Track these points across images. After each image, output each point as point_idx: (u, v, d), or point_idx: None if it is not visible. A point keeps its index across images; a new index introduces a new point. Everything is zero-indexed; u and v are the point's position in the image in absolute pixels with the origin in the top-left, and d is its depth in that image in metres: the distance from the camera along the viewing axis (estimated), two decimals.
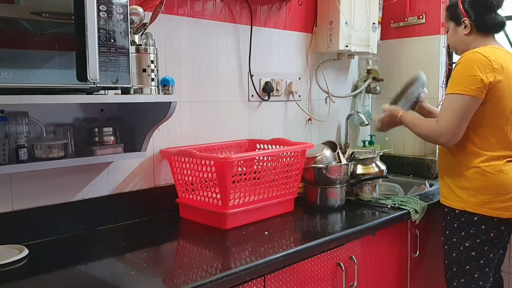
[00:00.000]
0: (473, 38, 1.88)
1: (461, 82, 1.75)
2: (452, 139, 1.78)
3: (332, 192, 2.08)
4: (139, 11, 1.60)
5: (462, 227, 1.84)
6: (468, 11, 1.87)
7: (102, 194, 1.82)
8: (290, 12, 2.49)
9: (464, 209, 1.83)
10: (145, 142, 1.74)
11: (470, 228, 1.82)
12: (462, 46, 1.92)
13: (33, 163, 1.50)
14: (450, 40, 1.99)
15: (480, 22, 1.86)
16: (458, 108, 1.75)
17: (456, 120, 1.75)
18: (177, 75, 1.99)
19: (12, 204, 1.61)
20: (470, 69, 1.74)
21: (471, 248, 1.82)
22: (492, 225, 1.79)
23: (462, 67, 1.77)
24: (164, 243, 1.68)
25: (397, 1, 2.82)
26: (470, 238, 1.82)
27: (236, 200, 1.78)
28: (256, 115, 2.37)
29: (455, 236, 1.86)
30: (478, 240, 1.81)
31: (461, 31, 1.90)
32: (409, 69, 2.84)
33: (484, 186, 1.79)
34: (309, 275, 1.64)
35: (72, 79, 1.34)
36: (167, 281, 1.35)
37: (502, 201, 1.77)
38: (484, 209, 1.79)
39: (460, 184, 1.85)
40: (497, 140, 1.79)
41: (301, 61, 2.58)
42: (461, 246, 1.84)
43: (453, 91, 1.77)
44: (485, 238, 1.80)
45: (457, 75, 1.78)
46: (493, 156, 1.79)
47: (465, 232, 1.83)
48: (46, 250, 1.57)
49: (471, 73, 1.73)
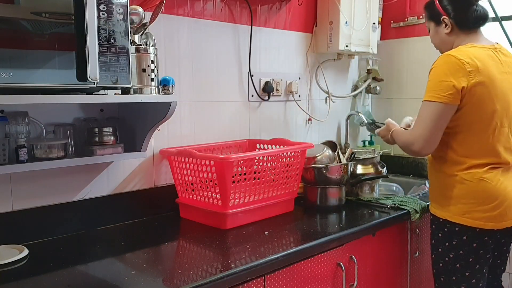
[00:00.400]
0: (455, 37, 1.78)
1: (434, 88, 1.66)
2: (425, 147, 1.69)
3: (332, 192, 2.08)
4: (139, 11, 1.60)
5: (445, 237, 1.75)
6: (447, 8, 1.77)
7: (102, 194, 1.82)
8: (290, 12, 2.49)
9: (445, 218, 1.74)
10: (145, 142, 1.74)
11: (453, 238, 1.72)
12: (445, 46, 1.81)
13: (33, 163, 1.50)
14: (433, 41, 1.89)
15: (460, 18, 1.75)
16: (430, 115, 1.66)
17: (427, 128, 1.66)
18: (177, 75, 1.99)
19: (12, 204, 1.61)
20: (442, 74, 1.65)
21: (456, 260, 1.73)
22: (474, 235, 1.69)
23: (435, 72, 1.68)
24: (164, 243, 1.68)
25: (397, 1, 2.82)
26: (453, 249, 1.73)
27: (236, 200, 1.78)
28: (256, 115, 2.37)
29: (440, 246, 1.77)
30: (461, 251, 1.71)
31: (442, 31, 1.80)
32: (409, 69, 2.85)
33: (463, 194, 1.70)
34: (309, 275, 1.64)
35: (72, 79, 1.34)
36: (167, 281, 1.35)
37: (483, 211, 1.67)
38: (464, 219, 1.69)
39: (442, 192, 1.77)
40: (478, 146, 1.69)
41: (301, 61, 2.58)
42: (446, 257, 1.76)
43: (426, 97, 1.68)
44: (468, 249, 1.70)
45: (430, 81, 1.69)
46: (474, 164, 1.68)
47: (449, 243, 1.74)
48: (46, 250, 1.57)
49: (442, 78, 1.64)
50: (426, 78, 2.66)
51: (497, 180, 1.68)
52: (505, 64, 1.73)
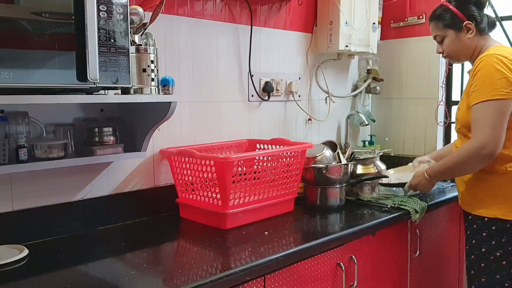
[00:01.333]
0: (476, 41, 1.82)
1: (492, 87, 1.64)
2: (497, 147, 1.65)
3: (332, 192, 2.08)
4: (139, 11, 1.60)
5: (492, 235, 1.74)
6: (467, 14, 1.81)
7: (102, 194, 1.82)
8: (290, 12, 2.49)
9: (495, 216, 1.73)
10: (145, 142, 1.74)
11: (502, 236, 1.72)
12: (466, 52, 1.85)
13: (33, 163, 1.50)
14: (451, 49, 1.87)
15: (481, 22, 1.80)
16: (494, 114, 1.64)
17: (495, 127, 1.64)
18: (177, 75, 1.99)
19: (12, 204, 1.61)
20: (495, 72, 1.65)
21: (502, 257, 1.73)
22: None
23: (486, 73, 1.67)
24: (164, 243, 1.68)
25: (397, 1, 2.82)
26: (501, 246, 1.73)
27: (236, 200, 1.78)
28: (256, 115, 2.37)
29: (484, 245, 1.76)
30: (510, 247, 1.72)
31: (464, 36, 1.82)
32: (409, 69, 2.85)
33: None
34: (309, 275, 1.64)
35: (72, 79, 1.34)
36: (167, 281, 1.35)
37: None
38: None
39: (489, 191, 1.76)
40: None
41: (301, 61, 2.58)
42: (491, 256, 1.75)
43: (484, 98, 1.66)
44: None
45: (483, 81, 1.67)
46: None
47: (496, 241, 1.73)
48: (46, 250, 1.57)
49: (497, 76, 1.64)
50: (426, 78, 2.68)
51: None
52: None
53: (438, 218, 2.13)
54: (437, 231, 2.22)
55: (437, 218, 2.18)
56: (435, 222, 2.21)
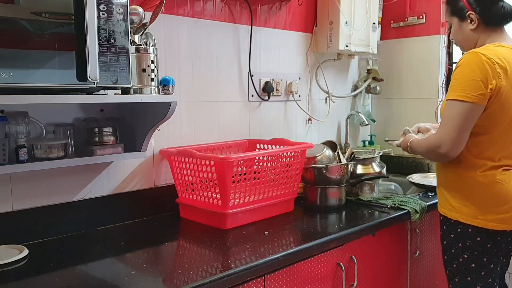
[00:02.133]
0: (480, 34, 1.72)
1: (462, 87, 1.59)
2: (453, 149, 1.63)
3: (332, 192, 2.08)
4: (139, 11, 1.60)
5: (458, 238, 1.74)
6: (472, 3, 1.70)
7: (102, 194, 1.82)
8: (290, 12, 2.49)
9: (457, 219, 1.73)
10: (145, 142, 1.74)
11: (466, 240, 1.72)
12: (468, 43, 1.76)
13: (33, 163, 1.50)
14: (456, 37, 1.81)
15: (487, 14, 1.69)
16: (459, 115, 1.59)
17: (456, 128, 1.60)
18: (177, 75, 1.99)
19: (12, 204, 1.61)
20: (471, 72, 1.58)
21: (470, 260, 1.72)
22: (487, 236, 1.68)
23: (463, 70, 1.61)
24: (164, 243, 1.68)
25: (397, 1, 2.82)
26: (467, 250, 1.72)
27: (236, 200, 1.78)
28: (256, 115, 2.37)
29: (453, 247, 1.76)
30: (475, 252, 1.71)
31: (466, 27, 1.73)
32: (409, 69, 2.85)
33: (478, 196, 1.68)
34: (309, 275, 1.64)
35: (72, 79, 1.34)
36: (167, 281, 1.35)
37: (497, 213, 1.65)
38: (477, 221, 1.67)
39: (453, 193, 1.75)
40: (495, 148, 1.66)
41: (301, 61, 2.58)
42: (460, 258, 1.75)
43: (453, 97, 1.61)
44: (482, 250, 1.70)
45: (457, 79, 1.62)
46: (490, 166, 1.66)
47: (462, 244, 1.73)
48: (46, 250, 1.57)
49: (472, 77, 1.58)
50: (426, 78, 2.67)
51: (509, 180, 1.66)
52: None
53: (438, 218, 2.12)
54: (437, 231, 2.22)
55: (437, 218, 2.17)
56: (435, 222, 2.21)
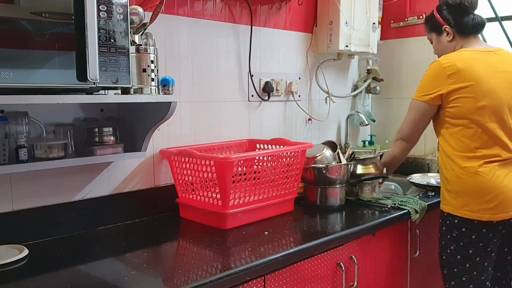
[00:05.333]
0: (455, 43, 1.94)
1: (420, 89, 1.88)
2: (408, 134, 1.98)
3: (332, 192, 2.08)
4: (139, 11, 1.60)
5: (448, 230, 1.85)
6: (447, 18, 1.93)
7: (102, 194, 1.82)
8: (290, 12, 2.49)
9: (447, 211, 1.85)
10: (145, 142, 1.74)
11: (454, 231, 1.82)
12: (447, 52, 1.94)
13: (33, 163, 1.50)
14: (436, 50, 2.03)
15: (460, 26, 1.91)
16: (413, 112, 1.92)
17: (409, 122, 1.95)
18: (177, 75, 1.99)
19: (12, 204, 1.61)
20: (428, 77, 1.86)
21: (456, 252, 1.82)
22: (472, 227, 1.77)
23: (425, 75, 1.88)
24: (164, 243, 1.68)
25: (397, 1, 2.82)
26: (454, 241, 1.82)
27: (236, 200, 1.78)
28: (256, 115, 2.37)
29: (444, 239, 1.87)
30: (461, 243, 1.80)
31: (444, 39, 1.96)
32: (409, 69, 2.85)
33: (461, 188, 1.80)
34: (309, 275, 1.64)
35: (72, 79, 1.34)
36: (167, 281, 1.35)
37: (479, 203, 1.75)
38: (463, 211, 1.78)
39: (444, 186, 1.88)
40: (472, 141, 1.78)
41: (301, 61, 2.58)
42: (448, 249, 1.85)
43: (414, 96, 1.91)
44: (467, 241, 1.79)
45: (420, 82, 1.90)
46: (469, 158, 1.78)
47: (450, 235, 1.84)
48: (46, 250, 1.57)
49: (428, 80, 1.85)
50: None
51: (492, 174, 1.76)
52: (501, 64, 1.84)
53: (438, 218, 2.12)
54: (437, 231, 2.22)
55: (437, 218, 2.17)
56: (435, 222, 2.21)
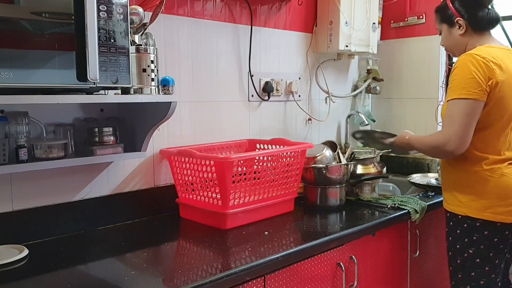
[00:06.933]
0: (468, 38, 1.83)
1: (462, 86, 1.69)
2: (460, 145, 1.70)
3: (332, 192, 2.08)
4: (139, 11, 1.60)
5: (465, 233, 1.78)
6: (460, 10, 1.82)
7: (102, 194, 1.82)
8: (290, 12, 2.49)
9: (466, 214, 1.77)
10: (145, 142, 1.74)
11: (473, 234, 1.76)
12: (458, 47, 1.86)
13: (33, 163, 1.50)
14: (446, 43, 1.92)
15: (474, 19, 1.80)
16: (463, 112, 1.68)
17: (462, 125, 1.68)
18: (177, 75, 1.99)
19: (12, 204, 1.61)
20: (468, 72, 1.68)
21: (476, 255, 1.77)
22: (495, 230, 1.73)
23: (461, 71, 1.71)
24: (164, 243, 1.68)
25: (397, 1, 2.82)
26: (473, 244, 1.76)
27: (236, 200, 1.78)
28: (256, 115, 2.37)
29: (459, 242, 1.80)
30: (482, 246, 1.75)
31: (455, 32, 1.85)
32: (409, 69, 2.85)
33: (486, 190, 1.74)
34: (309, 275, 1.64)
35: (72, 79, 1.34)
36: (167, 281, 1.35)
37: (505, 205, 1.71)
38: (486, 214, 1.73)
39: (461, 189, 1.80)
40: (499, 142, 1.74)
41: (301, 61, 2.58)
42: (465, 253, 1.79)
43: (455, 96, 1.70)
44: (489, 244, 1.75)
45: (456, 80, 1.71)
46: (495, 159, 1.74)
47: (468, 239, 1.77)
48: (46, 250, 1.57)
49: (470, 76, 1.67)
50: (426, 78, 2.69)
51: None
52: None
53: (438, 218, 2.13)
54: (437, 231, 2.22)
55: (437, 218, 2.17)
56: (435, 222, 2.21)
